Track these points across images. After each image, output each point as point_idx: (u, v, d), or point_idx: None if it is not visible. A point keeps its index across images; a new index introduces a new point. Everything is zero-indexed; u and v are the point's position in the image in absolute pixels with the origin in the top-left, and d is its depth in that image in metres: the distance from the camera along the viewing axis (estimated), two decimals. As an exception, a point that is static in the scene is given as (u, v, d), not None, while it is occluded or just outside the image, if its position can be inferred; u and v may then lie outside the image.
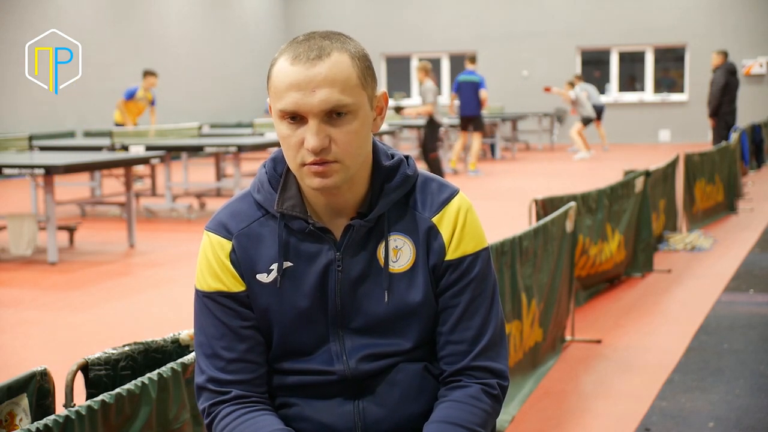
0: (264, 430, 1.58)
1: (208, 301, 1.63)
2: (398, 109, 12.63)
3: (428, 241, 1.62)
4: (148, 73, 12.78)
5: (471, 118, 13.14)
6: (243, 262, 1.61)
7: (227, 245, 1.62)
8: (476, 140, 13.36)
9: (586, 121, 16.21)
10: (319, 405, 1.64)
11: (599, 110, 17.13)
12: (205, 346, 1.63)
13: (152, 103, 12.96)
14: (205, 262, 1.63)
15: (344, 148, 1.52)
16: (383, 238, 1.62)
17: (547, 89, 16.75)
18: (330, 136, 1.51)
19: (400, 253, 1.62)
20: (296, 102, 1.49)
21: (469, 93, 13.00)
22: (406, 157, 1.67)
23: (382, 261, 1.62)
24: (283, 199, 1.61)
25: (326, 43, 1.52)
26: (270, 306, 1.62)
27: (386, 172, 1.62)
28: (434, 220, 1.62)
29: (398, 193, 1.62)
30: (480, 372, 1.63)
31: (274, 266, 1.61)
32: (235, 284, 1.62)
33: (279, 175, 1.64)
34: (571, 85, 16.53)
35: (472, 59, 13.51)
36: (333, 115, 1.50)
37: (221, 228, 1.63)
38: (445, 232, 1.62)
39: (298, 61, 1.50)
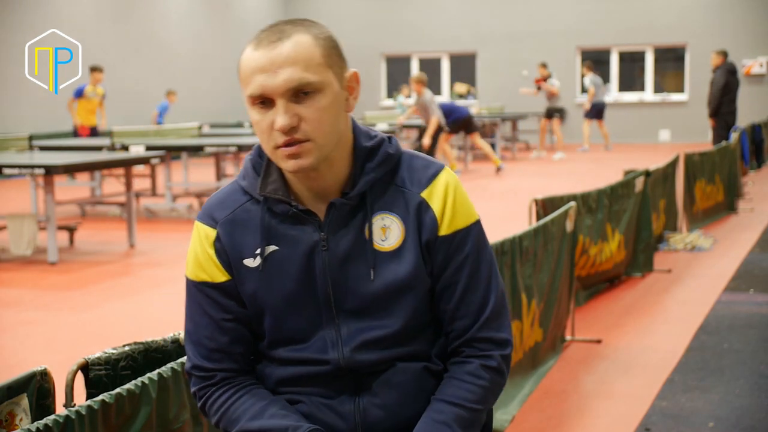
0: (257, 405, 1.63)
1: (193, 290, 1.68)
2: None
3: (419, 216, 1.62)
4: (94, 69, 12.82)
5: None
6: (229, 248, 1.64)
7: (212, 234, 1.65)
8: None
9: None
10: (320, 403, 1.65)
11: (601, 107, 17.07)
12: (191, 333, 1.69)
13: (103, 97, 13.07)
14: (192, 252, 1.67)
15: (314, 126, 1.52)
16: (368, 217, 1.62)
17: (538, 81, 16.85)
18: (299, 114, 1.52)
19: (388, 231, 1.62)
20: (261, 84, 1.52)
21: None
22: (389, 137, 1.68)
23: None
24: (266, 183, 1.63)
25: (288, 27, 1.55)
26: (257, 291, 1.63)
27: (367, 152, 1.62)
28: (423, 195, 1.62)
29: (379, 171, 1.62)
30: (483, 343, 1.66)
31: (259, 251, 1.63)
32: (218, 275, 1.65)
33: (263, 161, 1.65)
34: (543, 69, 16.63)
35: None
36: (299, 94, 1.52)
37: (207, 217, 1.66)
38: (435, 206, 1.62)
39: (260, 45, 1.53)
